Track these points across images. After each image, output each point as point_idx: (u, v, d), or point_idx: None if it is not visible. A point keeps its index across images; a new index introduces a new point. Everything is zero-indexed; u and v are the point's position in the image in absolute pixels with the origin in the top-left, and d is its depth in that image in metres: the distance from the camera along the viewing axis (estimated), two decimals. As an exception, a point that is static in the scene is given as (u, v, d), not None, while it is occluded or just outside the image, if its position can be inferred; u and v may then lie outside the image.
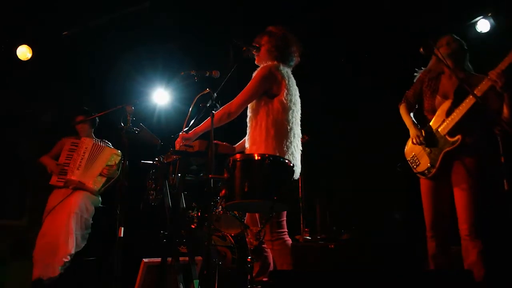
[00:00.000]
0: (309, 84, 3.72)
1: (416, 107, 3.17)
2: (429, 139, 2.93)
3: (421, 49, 2.89)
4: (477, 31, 4.71)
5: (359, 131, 5.38)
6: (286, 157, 2.73)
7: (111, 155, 4.40)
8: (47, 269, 3.84)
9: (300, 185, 4.74)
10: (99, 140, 4.54)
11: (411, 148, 3.10)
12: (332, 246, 3.85)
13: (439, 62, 3.00)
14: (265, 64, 2.95)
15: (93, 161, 4.36)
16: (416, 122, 3.09)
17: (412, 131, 3.04)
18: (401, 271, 2.18)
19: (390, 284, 2.07)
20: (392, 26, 4.85)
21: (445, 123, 2.89)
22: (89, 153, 4.35)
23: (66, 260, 3.87)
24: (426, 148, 2.95)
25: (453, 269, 2.96)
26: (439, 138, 2.91)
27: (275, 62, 2.96)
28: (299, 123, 2.98)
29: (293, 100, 2.90)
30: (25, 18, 4.86)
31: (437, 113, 2.95)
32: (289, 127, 2.84)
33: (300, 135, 2.98)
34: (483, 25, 4.67)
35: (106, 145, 4.49)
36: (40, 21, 4.91)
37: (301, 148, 2.95)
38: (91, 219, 4.21)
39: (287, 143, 2.80)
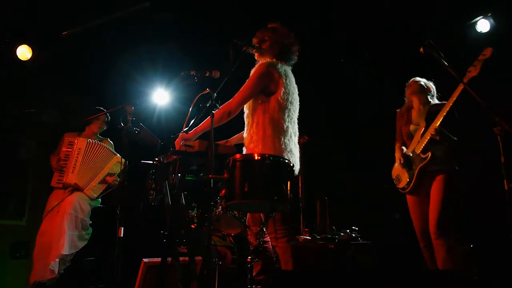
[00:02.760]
0: (309, 84, 3.73)
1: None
2: (409, 160, 3.46)
3: (421, 49, 2.96)
4: (477, 31, 4.70)
5: (359, 131, 5.38)
6: (285, 155, 2.73)
7: (114, 163, 4.26)
8: (43, 270, 3.81)
9: (300, 185, 4.74)
10: (99, 139, 4.40)
11: (395, 170, 3.63)
12: (332, 246, 3.85)
13: (407, 100, 3.66)
14: (262, 62, 2.95)
15: (89, 164, 4.20)
16: (402, 148, 3.60)
17: (397, 156, 3.59)
18: (401, 271, 2.18)
19: (390, 284, 2.07)
20: (392, 26, 4.84)
21: (419, 144, 3.39)
22: (84, 155, 4.18)
23: (54, 261, 3.78)
24: (406, 167, 3.47)
25: (453, 269, 2.98)
26: (416, 157, 3.41)
27: (274, 60, 2.96)
28: (296, 121, 2.97)
29: (290, 99, 2.89)
30: (25, 18, 4.86)
31: (414, 138, 3.46)
32: (285, 126, 2.83)
33: (297, 133, 2.98)
34: (483, 25, 4.66)
35: (107, 147, 4.33)
36: (40, 21, 4.90)
37: (298, 147, 2.94)
38: (88, 219, 4.12)
39: (285, 141, 2.80)
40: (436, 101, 3.55)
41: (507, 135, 2.88)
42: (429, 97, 3.52)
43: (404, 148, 3.60)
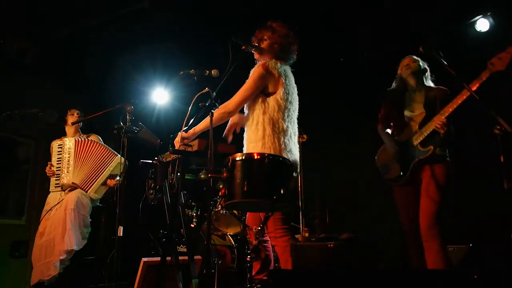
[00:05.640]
0: (309, 83, 3.72)
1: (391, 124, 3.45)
2: (402, 149, 3.21)
3: (421, 48, 2.94)
4: (476, 30, 4.70)
5: (359, 131, 5.38)
6: (284, 154, 2.73)
7: (116, 164, 4.23)
8: (46, 268, 3.81)
9: (300, 184, 4.74)
10: (86, 135, 4.41)
11: (382, 157, 3.38)
12: (332, 245, 3.85)
13: (400, 81, 3.37)
14: (262, 62, 2.94)
15: (83, 161, 4.21)
16: (391, 135, 3.37)
17: (388, 143, 3.33)
18: (400, 271, 2.18)
19: (390, 284, 2.07)
20: (391, 25, 4.84)
21: (417, 134, 3.16)
22: (75, 153, 4.20)
23: (62, 257, 3.79)
24: (397, 157, 3.22)
25: (453, 269, 2.98)
26: (411, 147, 3.17)
27: (273, 60, 2.95)
28: (296, 121, 2.97)
29: (289, 99, 2.89)
30: (25, 18, 4.85)
31: (409, 126, 3.22)
32: (285, 126, 2.83)
33: (297, 133, 2.97)
34: (482, 25, 4.66)
35: (99, 143, 4.32)
36: (39, 21, 4.90)
37: (298, 146, 2.94)
38: (89, 216, 4.12)
39: (285, 140, 2.80)
40: (431, 84, 3.33)
41: (507, 135, 2.87)
42: (425, 79, 3.31)
43: (389, 130, 3.38)
